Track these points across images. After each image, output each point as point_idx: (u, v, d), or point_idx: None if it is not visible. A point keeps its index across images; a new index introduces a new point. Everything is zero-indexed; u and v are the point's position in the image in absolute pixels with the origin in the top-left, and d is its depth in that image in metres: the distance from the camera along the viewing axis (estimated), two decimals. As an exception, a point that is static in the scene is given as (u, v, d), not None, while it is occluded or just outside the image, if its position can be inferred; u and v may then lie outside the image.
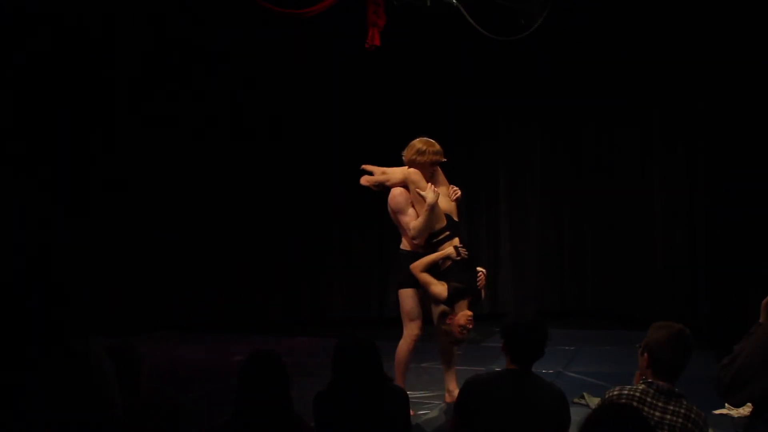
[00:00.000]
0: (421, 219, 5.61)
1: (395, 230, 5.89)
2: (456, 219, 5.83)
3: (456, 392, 5.73)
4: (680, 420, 3.10)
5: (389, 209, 5.81)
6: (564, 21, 7.98)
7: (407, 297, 5.72)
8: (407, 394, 3.82)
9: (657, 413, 3.10)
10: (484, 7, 6.92)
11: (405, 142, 5.95)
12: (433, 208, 5.58)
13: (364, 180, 6.00)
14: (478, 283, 5.71)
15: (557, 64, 8.94)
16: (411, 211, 5.71)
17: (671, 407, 3.12)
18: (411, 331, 5.70)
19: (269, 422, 3.22)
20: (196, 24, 8.53)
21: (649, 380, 3.19)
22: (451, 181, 6.01)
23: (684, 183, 8.43)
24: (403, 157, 5.80)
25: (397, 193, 5.75)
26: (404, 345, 5.73)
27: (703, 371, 6.73)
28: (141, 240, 8.89)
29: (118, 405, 2.09)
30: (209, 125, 9.14)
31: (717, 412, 5.53)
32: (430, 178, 5.80)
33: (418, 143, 5.78)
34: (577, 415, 5.45)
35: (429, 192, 5.59)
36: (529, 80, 9.12)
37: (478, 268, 5.79)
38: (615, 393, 3.20)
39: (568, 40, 8.69)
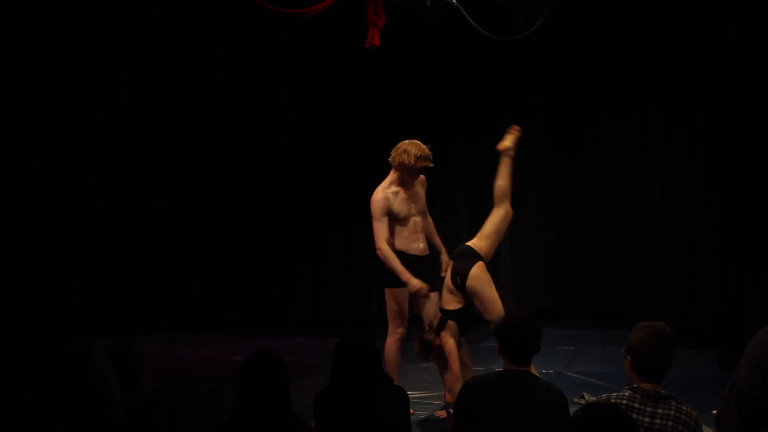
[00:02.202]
0: (394, 267, 5.54)
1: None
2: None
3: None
4: (670, 423, 3.07)
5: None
6: (564, 21, 7.98)
7: (395, 295, 5.71)
8: (407, 394, 3.82)
9: (646, 419, 3.07)
10: (484, 7, 6.92)
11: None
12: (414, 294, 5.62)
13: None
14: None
15: (557, 63, 8.94)
16: (385, 220, 5.66)
17: (660, 411, 3.09)
18: (398, 328, 5.71)
19: (269, 422, 3.22)
20: (195, 24, 8.55)
21: (635, 385, 3.15)
22: (452, 180, 6.01)
23: (684, 183, 8.43)
24: (391, 160, 5.70)
25: (377, 198, 5.69)
26: (391, 343, 5.74)
27: (703, 371, 6.77)
28: (141, 240, 8.90)
29: (118, 405, 2.09)
30: (208, 125, 9.14)
31: (716, 411, 5.52)
32: (413, 186, 5.78)
33: (409, 147, 5.64)
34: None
35: (413, 284, 5.54)
36: (529, 80, 9.12)
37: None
38: (602, 401, 3.20)
39: (569, 39, 8.69)
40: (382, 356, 3.69)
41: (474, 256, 5.68)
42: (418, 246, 5.78)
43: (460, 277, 5.61)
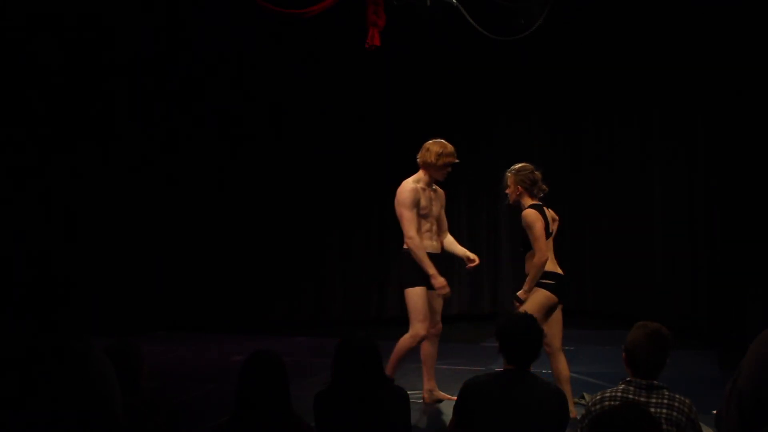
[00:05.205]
0: (422, 259, 5.61)
1: (395, 230, 5.87)
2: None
3: (436, 391, 5.78)
4: (664, 410, 3.16)
5: (396, 200, 5.74)
6: (564, 21, 7.98)
7: (416, 295, 5.65)
8: (407, 394, 3.82)
9: None
10: (484, 7, 6.92)
11: (404, 142, 5.94)
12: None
13: None
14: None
15: (557, 63, 8.94)
16: (415, 211, 5.66)
17: (653, 399, 3.18)
18: (418, 331, 5.65)
19: (269, 422, 3.22)
20: (195, 24, 8.54)
21: (629, 378, 3.26)
22: (452, 180, 6.01)
23: (684, 183, 8.43)
24: (418, 159, 5.77)
25: (407, 188, 5.69)
26: (407, 342, 5.68)
27: (703, 371, 6.77)
28: (141, 240, 8.89)
29: (118, 405, 2.09)
30: (208, 126, 9.14)
31: (716, 411, 5.51)
32: (432, 187, 5.81)
33: (432, 145, 5.74)
34: (576, 414, 5.46)
35: (439, 280, 5.64)
36: (529, 80, 9.13)
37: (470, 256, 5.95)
38: (597, 398, 3.23)
39: (568, 39, 8.69)
40: (383, 356, 3.67)
41: (558, 288, 6.18)
42: (435, 244, 5.85)
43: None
